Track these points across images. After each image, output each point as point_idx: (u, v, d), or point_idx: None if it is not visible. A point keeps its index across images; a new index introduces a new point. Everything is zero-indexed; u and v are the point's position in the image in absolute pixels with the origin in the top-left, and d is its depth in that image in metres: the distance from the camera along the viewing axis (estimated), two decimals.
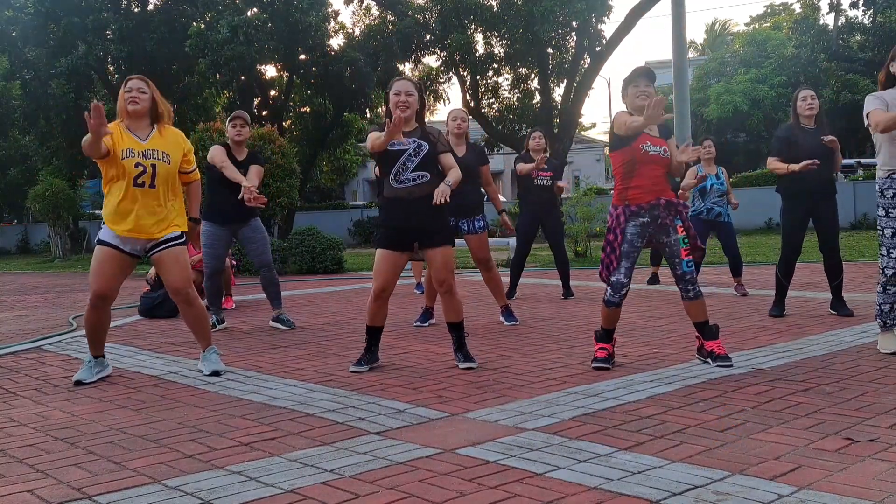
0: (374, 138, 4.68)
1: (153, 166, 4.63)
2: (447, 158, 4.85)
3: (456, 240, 6.67)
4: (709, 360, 4.67)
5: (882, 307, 4.83)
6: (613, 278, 4.64)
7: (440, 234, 4.83)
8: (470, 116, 7.39)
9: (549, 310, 7.46)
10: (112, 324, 7.40)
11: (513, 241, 9.00)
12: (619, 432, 3.35)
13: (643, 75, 4.62)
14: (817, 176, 6.23)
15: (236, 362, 5.27)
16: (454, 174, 4.79)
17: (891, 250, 4.72)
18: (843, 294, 6.56)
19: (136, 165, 4.59)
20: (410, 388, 4.33)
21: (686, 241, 4.63)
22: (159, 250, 4.76)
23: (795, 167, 6.19)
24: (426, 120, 5.03)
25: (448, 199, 4.59)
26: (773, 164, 6.42)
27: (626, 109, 4.67)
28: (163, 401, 4.25)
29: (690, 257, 4.61)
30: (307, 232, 13.38)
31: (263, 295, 7.16)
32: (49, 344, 6.35)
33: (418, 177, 4.73)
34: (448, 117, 6.69)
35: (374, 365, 4.95)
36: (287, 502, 2.69)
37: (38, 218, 23.95)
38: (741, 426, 3.39)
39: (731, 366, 4.57)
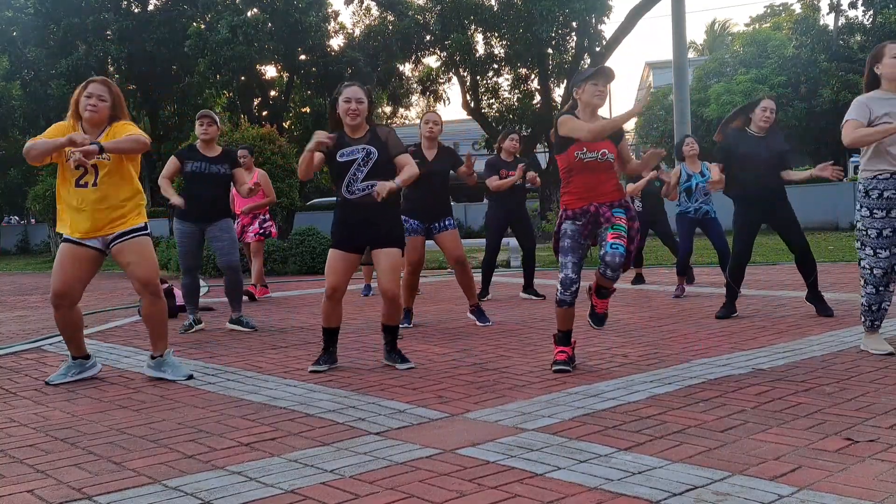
0: (303, 166, 4.75)
1: (94, 166, 4.44)
2: (402, 159, 4.78)
3: (427, 241, 6.67)
4: (590, 319, 4.77)
5: (872, 307, 4.81)
6: (561, 275, 4.52)
7: (389, 236, 4.80)
8: (450, 118, 7.38)
9: (548, 310, 7.46)
10: (112, 324, 7.44)
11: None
12: (619, 432, 3.35)
13: (604, 75, 4.54)
14: (765, 184, 6.22)
15: (236, 362, 5.27)
16: (407, 172, 4.73)
17: (878, 250, 4.71)
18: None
19: (78, 167, 4.38)
20: (410, 389, 4.33)
21: (618, 227, 4.49)
22: (120, 242, 4.57)
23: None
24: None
25: (384, 196, 4.55)
26: (718, 175, 6.46)
27: (571, 113, 4.55)
28: (163, 401, 4.25)
29: (619, 241, 4.45)
30: (307, 232, 13.38)
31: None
32: (49, 344, 6.35)
33: (369, 186, 4.71)
34: (421, 120, 6.70)
35: (333, 366, 4.93)
36: (287, 502, 2.69)
37: (38, 218, 23.97)
38: (741, 426, 3.38)
39: (602, 328, 4.86)
